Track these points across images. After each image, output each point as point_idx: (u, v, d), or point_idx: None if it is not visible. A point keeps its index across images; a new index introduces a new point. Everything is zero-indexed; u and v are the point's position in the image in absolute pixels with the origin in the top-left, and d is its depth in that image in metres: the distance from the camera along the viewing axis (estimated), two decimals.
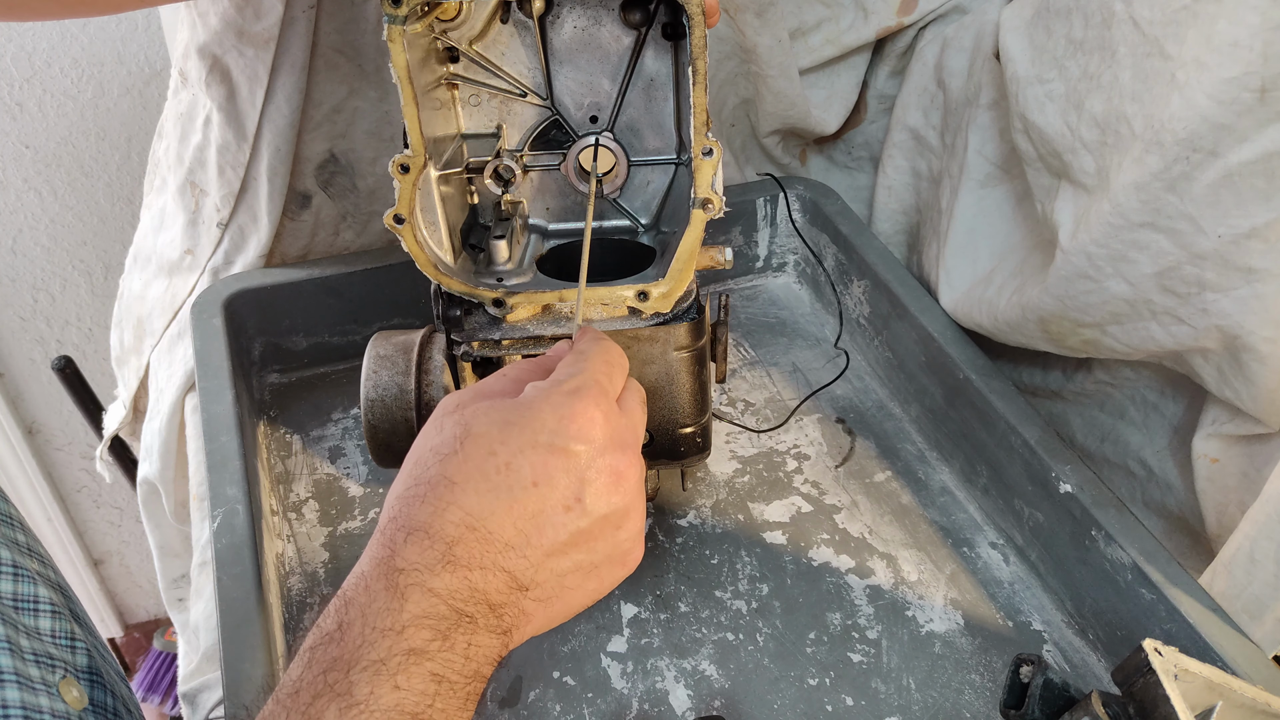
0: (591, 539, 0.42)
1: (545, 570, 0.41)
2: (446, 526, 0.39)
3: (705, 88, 0.52)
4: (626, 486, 0.43)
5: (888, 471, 0.75)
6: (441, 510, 0.39)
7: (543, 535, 0.41)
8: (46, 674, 0.40)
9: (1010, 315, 0.71)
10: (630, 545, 0.44)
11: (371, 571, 0.38)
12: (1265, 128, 0.53)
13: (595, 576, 0.44)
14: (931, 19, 0.85)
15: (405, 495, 0.40)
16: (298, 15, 0.70)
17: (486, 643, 0.39)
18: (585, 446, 0.42)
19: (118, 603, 1.71)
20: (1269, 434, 0.63)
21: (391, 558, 0.38)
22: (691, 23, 0.51)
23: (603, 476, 0.42)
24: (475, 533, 0.39)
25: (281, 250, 0.83)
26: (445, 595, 0.38)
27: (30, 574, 0.43)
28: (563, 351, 0.48)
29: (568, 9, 0.58)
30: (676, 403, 0.58)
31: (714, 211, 0.54)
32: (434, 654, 0.36)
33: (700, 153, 0.53)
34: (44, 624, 0.42)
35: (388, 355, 0.57)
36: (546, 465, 0.41)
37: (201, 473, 0.67)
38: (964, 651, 0.63)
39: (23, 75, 1.17)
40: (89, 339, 1.40)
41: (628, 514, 0.43)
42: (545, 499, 0.41)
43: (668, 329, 0.57)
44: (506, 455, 0.41)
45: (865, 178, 0.98)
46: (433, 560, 0.38)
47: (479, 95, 0.61)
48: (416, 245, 0.56)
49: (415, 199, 0.55)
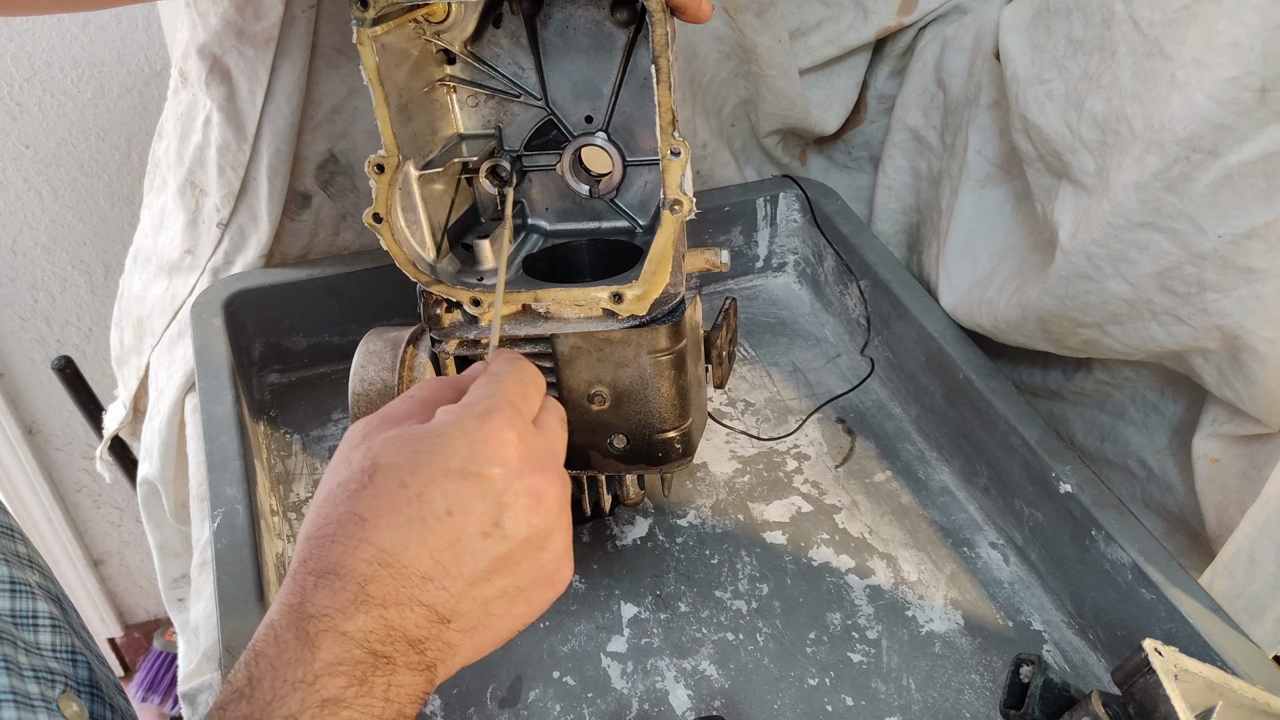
0: (515, 563, 0.41)
1: (468, 600, 0.40)
2: (358, 565, 0.37)
3: (670, 86, 0.51)
4: (547, 507, 0.42)
5: (888, 471, 0.75)
6: (353, 549, 0.38)
7: (462, 564, 0.39)
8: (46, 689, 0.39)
9: (1010, 315, 0.71)
10: (557, 565, 0.43)
11: (281, 620, 0.37)
12: (1265, 128, 0.53)
13: (523, 601, 0.42)
14: (931, 19, 0.85)
15: (315, 536, 0.39)
16: (298, 15, 0.70)
17: (409, 681, 0.37)
18: (500, 470, 0.40)
19: (118, 603, 1.71)
20: (1269, 434, 0.63)
21: (301, 604, 0.37)
22: (652, 20, 0.50)
23: (521, 499, 0.41)
24: (389, 569, 0.38)
25: (281, 250, 0.83)
26: (360, 638, 0.36)
27: (30, 588, 0.43)
28: (478, 372, 0.47)
29: (559, 9, 0.58)
30: (652, 407, 0.57)
31: (683, 213, 0.54)
32: (350, 701, 0.35)
33: (668, 153, 0.53)
34: (44, 639, 0.42)
35: (376, 351, 0.57)
36: (460, 492, 0.40)
37: (201, 473, 0.67)
38: (964, 651, 0.63)
39: (23, 75, 1.17)
40: (89, 339, 1.40)
41: (550, 534, 0.42)
42: (461, 527, 0.39)
43: (642, 332, 0.56)
44: (418, 486, 0.39)
45: (865, 178, 0.98)
46: (345, 602, 0.37)
47: (476, 96, 0.61)
48: (395, 244, 0.56)
49: (393, 198, 0.55)
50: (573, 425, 0.58)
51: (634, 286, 0.55)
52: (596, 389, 0.57)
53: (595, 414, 0.58)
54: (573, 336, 0.56)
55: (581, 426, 0.58)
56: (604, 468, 0.60)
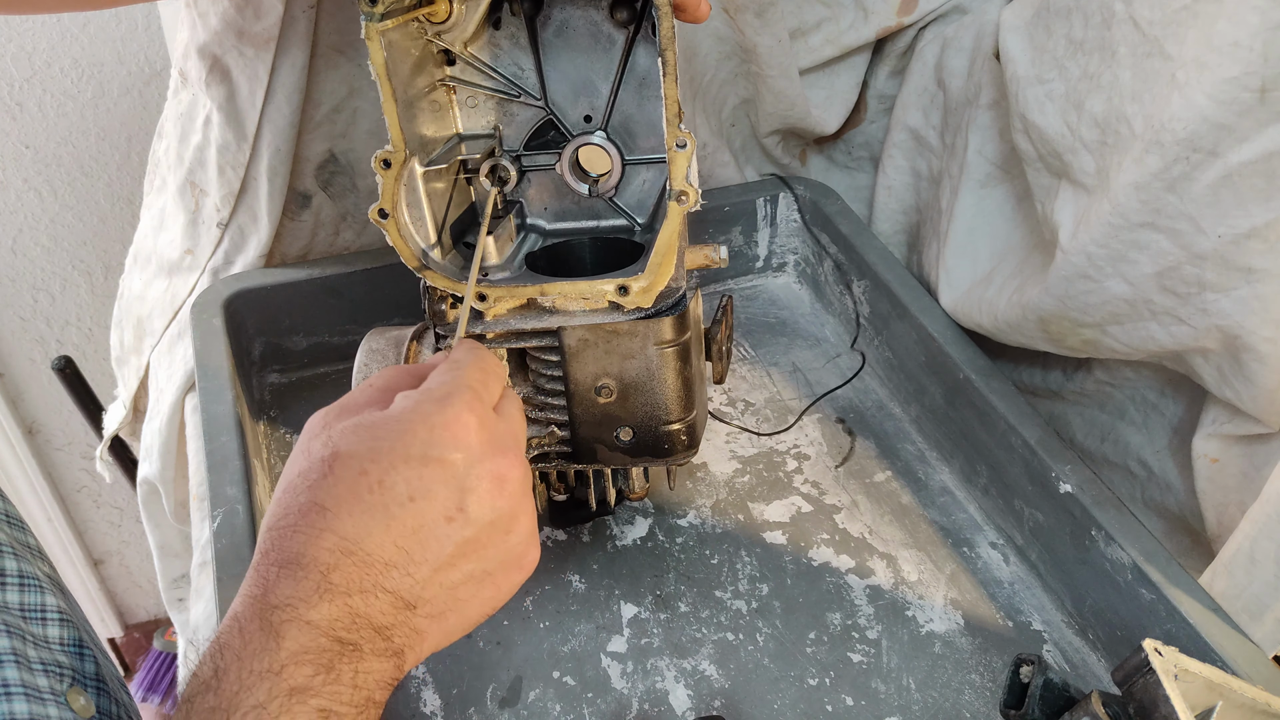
0: (480, 547, 0.41)
1: (434, 585, 0.40)
2: (321, 554, 0.37)
3: (675, 79, 0.52)
4: (511, 489, 0.42)
5: (888, 471, 0.75)
6: (315, 538, 0.38)
7: (426, 550, 0.39)
8: (55, 683, 0.40)
9: (1010, 315, 0.71)
10: (524, 548, 0.43)
11: (245, 612, 0.37)
12: (1265, 128, 0.53)
13: (491, 584, 0.42)
14: (931, 19, 0.85)
15: (277, 527, 0.39)
16: (298, 15, 0.70)
17: (376, 668, 0.37)
18: (462, 454, 0.40)
19: (118, 603, 1.71)
20: (1269, 434, 0.63)
21: (265, 595, 0.37)
22: (659, 14, 0.50)
23: (484, 482, 0.41)
24: (352, 557, 0.38)
25: (281, 250, 0.83)
26: (325, 626, 0.36)
27: (38, 581, 0.43)
28: (438, 361, 0.47)
29: (558, 9, 0.58)
30: (658, 399, 0.58)
31: (689, 204, 0.54)
32: (319, 689, 0.35)
33: (674, 145, 0.53)
34: (52, 632, 0.42)
35: (379, 349, 0.57)
36: (422, 478, 0.39)
37: (201, 473, 0.67)
38: (964, 651, 0.63)
39: (23, 75, 1.17)
40: (89, 339, 1.40)
41: (515, 517, 0.42)
42: (424, 513, 0.39)
43: (648, 323, 0.56)
44: (379, 473, 0.39)
45: (865, 178, 0.98)
46: (308, 591, 0.37)
47: (476, 97, 0.61)
48: (400, 239, 0.56)
49: (399, 194, 0.56)
50: (580, 418, 0.59)
51: (640, 278, 0.55)
52: (603, 381, 0.57)
53: (602, 406, 0.58)
54: (579, 329, 0.56)
55: (588, 419, 0.59)
56: (611, 461, 0.61)
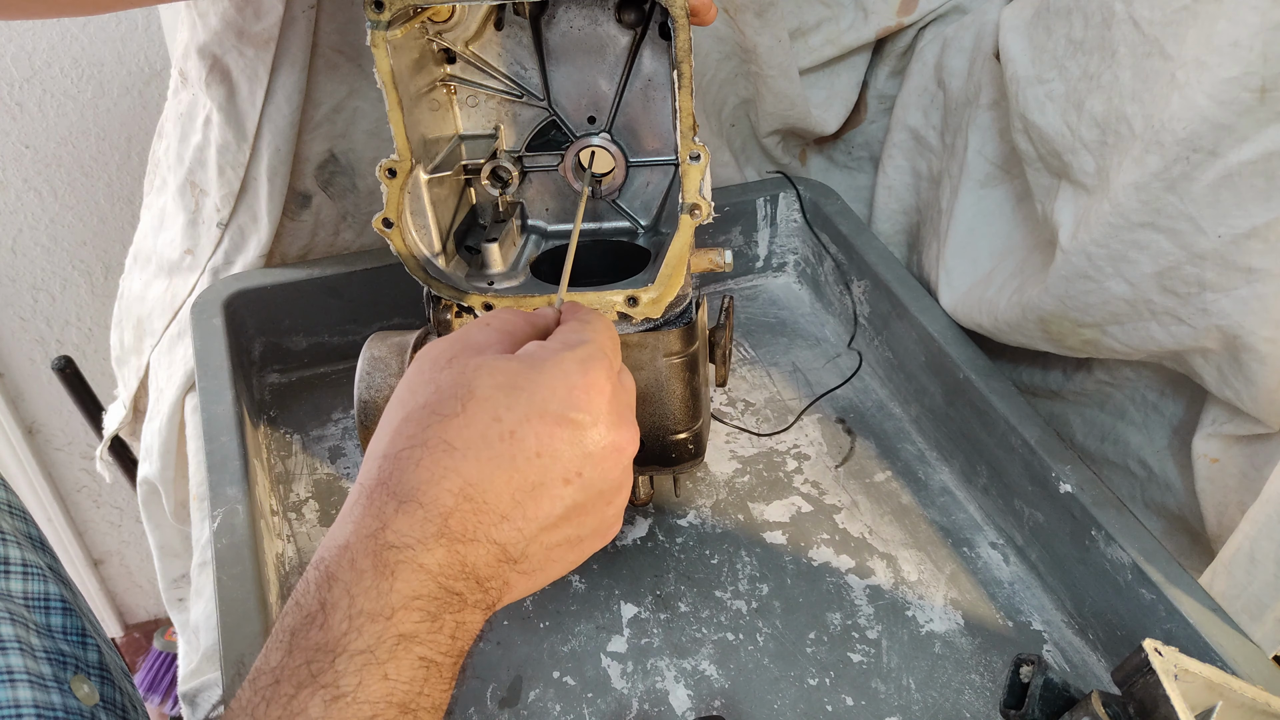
0: (584, 513, 0.41)
1: (537, 543, 0.40)
2: (442, 495, 0.37)
3: (691, 91, 0.51)
4: (624, 462, 0.42)
5: (888, 471, 0.75)
6: (439, 478, 0.37)
7: (539, 508, 0.39)
8: (59, 671, 0.40)
9: (1010, 315, 0.71)
10: (614, 520, 0.43)
11: (358, 545, 0.36)
12: (1265, 128, 0.53)
13: (578, 550, 0.42)
14: (931, 19, 0.85)
15: (397, 456, 0.38)
16: (298, 15, 0.70)
17: (473, 619, 0.37)
18: (592, 419, 0.40)
19: (118, 603, 1.71)
20: (1269, 434, 0.63)
21: (382, 530, 0.36)
22: (676, 25, 0.50)
23: (606, 452, 0.41)
24: (471, 503, 0.37)
25: (281, 250, 0.83)
26: (436, 572, 0.36)
27: (41, 570, 0.43)
28: (548, 313, 0.46)
29: (563, 9, 0.58)
30: (667, 409, 0.58)
31: (702, 217, 0.54)
32: (423, 637, 0.35)
33: (687, 158, 0.53)
34: (55, 621, 0.42)
35: (381, 357, 0.57)
36: (553, 437, 0.39)
37: (201, 473, 0.67)
38: (964, 651, 0.63)
39: (23, 75, 1.17)
40: (89, 339, 1.40)
41: (620, 490, 0.43)
42: (547, 471, 0.39)
43: (658, 335, 0.56)
44: (512, 422, 0.38)
45: (865, 178, 0.98)
46: (427, 534, 0.36)
47: (476, 96, 0.61)
48: (405, 248, 0.56)
49: (404, 202, 0.55)
50: None
51: (649, 290, 0.55)
52: None
53: None
54: None
55: None
56: None
